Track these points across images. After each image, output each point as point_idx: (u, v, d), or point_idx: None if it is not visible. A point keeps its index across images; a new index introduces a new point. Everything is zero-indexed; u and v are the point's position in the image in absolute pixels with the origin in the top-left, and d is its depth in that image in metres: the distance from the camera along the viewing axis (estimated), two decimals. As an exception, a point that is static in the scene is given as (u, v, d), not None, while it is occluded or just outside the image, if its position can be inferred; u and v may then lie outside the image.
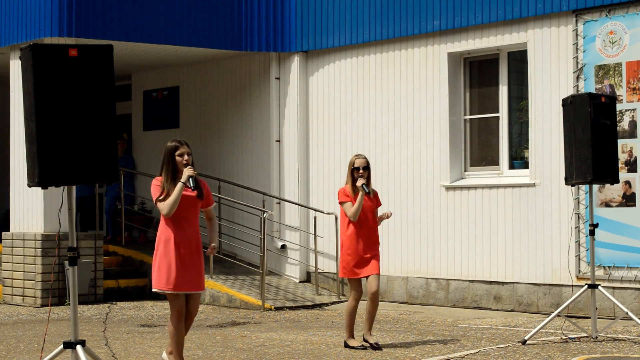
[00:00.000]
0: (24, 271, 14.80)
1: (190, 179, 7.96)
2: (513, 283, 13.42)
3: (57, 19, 14.18)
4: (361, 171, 10.03)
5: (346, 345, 10.11)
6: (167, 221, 8.02)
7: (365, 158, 10.15)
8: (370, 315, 10.09)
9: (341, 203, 10.07)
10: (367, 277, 10.04)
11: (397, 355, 9.52)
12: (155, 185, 8.04)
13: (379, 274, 10.04)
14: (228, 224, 16.41)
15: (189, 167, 8.01)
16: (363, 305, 10.23)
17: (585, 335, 10.49)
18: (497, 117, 14.02)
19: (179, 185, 7.94)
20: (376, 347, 9.98)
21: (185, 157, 8.04)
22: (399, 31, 14.64)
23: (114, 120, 7.07)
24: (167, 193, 7.96)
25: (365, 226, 10.05)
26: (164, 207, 7.93)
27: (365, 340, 10.14)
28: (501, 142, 13.97)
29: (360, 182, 9.98)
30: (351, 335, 10.14)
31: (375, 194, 10.24)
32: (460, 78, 14.35)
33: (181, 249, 7.98)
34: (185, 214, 8.01)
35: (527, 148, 13.62)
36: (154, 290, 8.03)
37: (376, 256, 10.09)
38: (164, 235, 8.02)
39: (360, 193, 9.96)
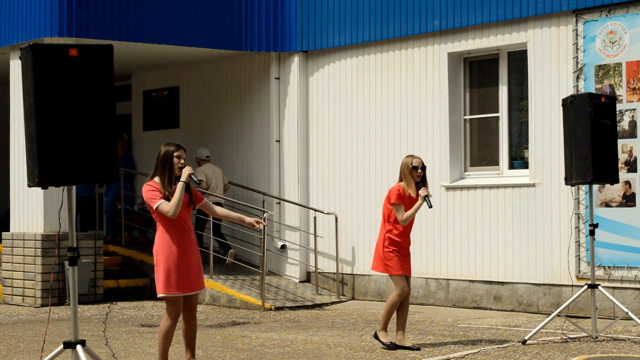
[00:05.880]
0: (24, 271, 14.80)
1: (192, 176, 7.99)
2: (513, 283, 13.41)
3: (57, 19, 14.17)
4: (419, 171, 9.86)
5: (375, 337, 9.96)
6: (166, 226, 8.01)
7: (419, 157, 10.02)
8: (405, 318, 9.97)
9: (393, 204, 9.84)
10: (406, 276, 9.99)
11: (397, 355, 9.51)
12: (151, 191, 7.98)
13: None
14: (228, 224, 16.40)
15: (187, 166, 8.04)
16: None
17: (585, 335, 10.49)
18: (497, 117, 14.02)
19: (180, 184, 7.94)
20: (416, 348, 9.83)
21: (182, 160, 8.05)
22: (399, 31, 14.64)
23: (114, 120, 7.07)
24: (168, 196, 7.96)
25: (409, 225, 9.99)
26: (169, 208, 7.88)
27: (399, 347, 9.85)
28: (501, 142, 13.96)
29: (424, 192, 9.79)
30: (384, 328, 9.95)
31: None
32: (460, 78, 14.34)
33: (181, 251, 8.01)
34: (182, 216, 8.02)
35: (527, 148, 13.61)
36: (159, 296, 8.04)
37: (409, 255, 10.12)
38: (163, 240, 8.02)
39: (419, 202, 9.79)
